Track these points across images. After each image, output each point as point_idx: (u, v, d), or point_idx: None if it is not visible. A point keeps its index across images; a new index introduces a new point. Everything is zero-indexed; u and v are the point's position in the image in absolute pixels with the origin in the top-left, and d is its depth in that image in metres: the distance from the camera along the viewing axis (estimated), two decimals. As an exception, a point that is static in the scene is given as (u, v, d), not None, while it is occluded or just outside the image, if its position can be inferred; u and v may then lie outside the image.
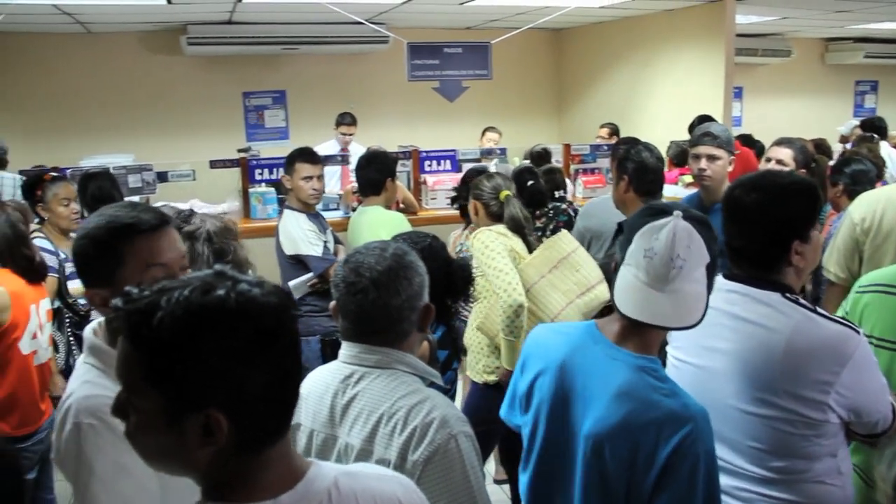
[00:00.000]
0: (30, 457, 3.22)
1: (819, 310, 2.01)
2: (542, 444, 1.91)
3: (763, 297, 1.99)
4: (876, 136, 7.44)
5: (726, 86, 7.53)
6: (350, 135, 7.40)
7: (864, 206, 3.44)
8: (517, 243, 3.46)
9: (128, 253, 1.74)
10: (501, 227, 3.49)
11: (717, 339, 2.02)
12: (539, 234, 4.50)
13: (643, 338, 1.75)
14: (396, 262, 1.81)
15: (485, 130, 8.20)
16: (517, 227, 3.51)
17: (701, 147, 3.68)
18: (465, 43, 6.85)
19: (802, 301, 2.01)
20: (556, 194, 5.08)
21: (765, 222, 2.02)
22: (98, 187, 4.55)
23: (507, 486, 3.84)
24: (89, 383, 1.69)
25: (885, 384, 2.00)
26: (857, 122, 9.35)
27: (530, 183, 4.86)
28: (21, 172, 5.80)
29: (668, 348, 2.19)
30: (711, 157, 3.62)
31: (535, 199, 4.85)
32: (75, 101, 8.42)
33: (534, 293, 3.32)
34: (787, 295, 1.99)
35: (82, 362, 1.78)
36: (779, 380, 1.90)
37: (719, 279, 2.06)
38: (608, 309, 1.95)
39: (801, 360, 1.90)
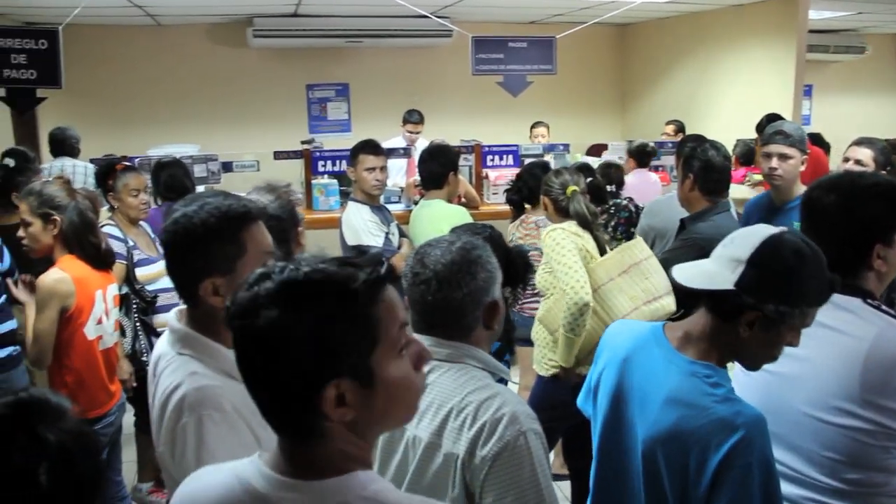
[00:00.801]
0: (100, 439, 3.29)
1: None
2: (602, 437, 1.91)
3: (844, 302, 1.92)
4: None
5: (797, 84, 7.34)
6: (416, 133, 7.42)
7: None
8: (588, 242, 3.44)
9: (248, 241, 1.75)
10: (573, 225, 3.46)
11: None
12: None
13: (704, 345, 1.72)
14: (461, 256, 1.80)
15: (533, 125, 8.14)
16: (584, 223, 3.48)
17: (772, 146, 3.59)
18: (530, 38, 6.80)
19: (885, 307, 1.94)
20: (609, 189, 5.04)
21: (845, 225, 1.96)
22: (170, 175, 4.64)
23: (562, 483, 3.81)
24: (197, 374, 1.69)
25: None
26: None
27: (589, 180, 4.85)
28: (92, 161, 5.96)
29: None
30: (783, 156, 3.54)
31: (595, 196, 4.84)
32: (144, 92, 8.60)
33: (601, 294, 3.30)
34: (869, 301, 1.93)
35: (177, 353, 1.77)
36: (859, 389, 1.83)
37: None
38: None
39: (883, 370, 1.83)
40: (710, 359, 1.72)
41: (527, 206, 4.47)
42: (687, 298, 1.83)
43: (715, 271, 1.68)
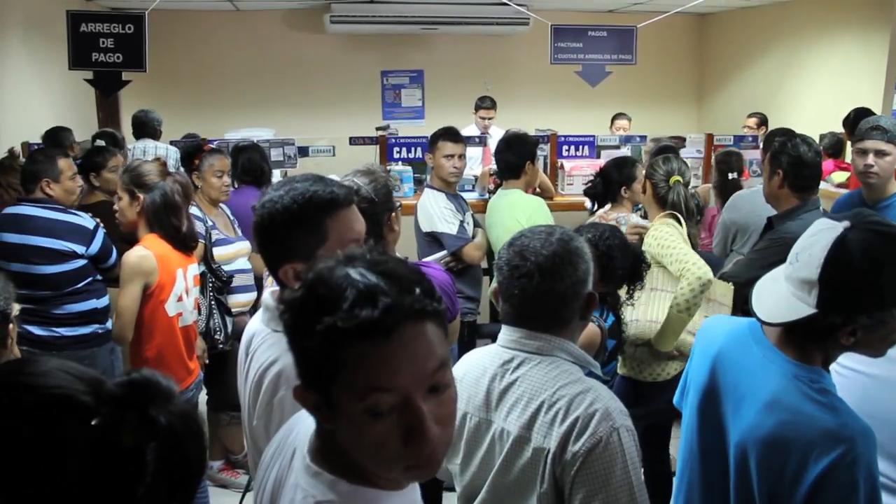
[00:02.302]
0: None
1: None
2: (691, 435, 1.85)
3: None
4: None
5: (888, 77, 7.05)
6: (489, 118, 7.38)
7: None
8: (684, 234, 3.42)
9: (330, 228, 1.74)
10: (671, 220, 3.44)
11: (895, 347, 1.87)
12: None
13: (802, 347, 1.63)
14: (563, 248, 1.76)
15: (615, 117, 8.04)
16: (680, 214, 3.45)
17: (868, 142, 3.46)
18: (609, 27, 6.69)
19: None
20: (731, 177, 4.96)
21: None
22: (248, 159, 4.70)
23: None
24: None
25: None
26: None
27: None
28: (172, 143, 6.08)
29: None
30: (880, 153, 3.41)
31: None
32: (222, 77, 8.75)
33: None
34: None
35: (272, 330, 1.79)
36: None
37: None
38: None
39: None
40: (814, 360, 1.63)
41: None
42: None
43: (792, 298, 1.57)
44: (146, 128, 6.35)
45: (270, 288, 1.91)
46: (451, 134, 4.39)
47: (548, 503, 1.69)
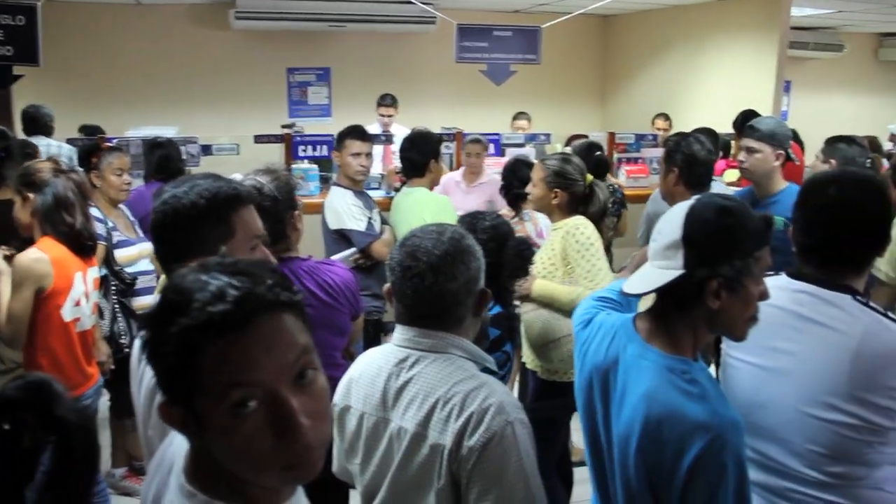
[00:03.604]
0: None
1: (889, 314, 1.95)
2: (585, 429, 1.89)
3: (833, 298, 1.93)
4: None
5: (777, 80, 7.41)
6: (389, 116, 7.38)
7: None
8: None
9: (237, 223, 1.74)
10: (585, 220, 3.32)
11: (782, 340, 1.96)
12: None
13: (671, 335, 1.70)
14: (454, 247, 1.79)
15: (515, 116, 8.11)
16: (602, 215, 3.44)
17: (743, 140, 3.70)
18: (515, 27, 6.79)
19: (872, 304, 1.95)
20: None
21: (871, 220, 1.98)
22: (165, 156, 4.62)
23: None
24: None
25: None
26: (908, 120, 9.16)
27: (598, 154, 4.93)
28: (68, 141, 5.89)
29: (724, 347, 2.13)
30: (751, 150, 3.59)
31: (602, 171, 4.93)
32: (122, 72, 8.49)
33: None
34: (858, 297, 1.94)
35: None
36: (847, 384, 1.84)
37: (784, 279, 2.02)
38: None
39: (872, 366, 1.84)
40: (684, 351, 1.69)
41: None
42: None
43: (658, 270, 1.68)
44: (37, 124, 6.12)
45: None
46: (358, 132, 4.39)
47: (446, 498, 1.71)
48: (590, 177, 3.43)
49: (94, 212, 3.88)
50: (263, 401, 0.98)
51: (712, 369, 3.23)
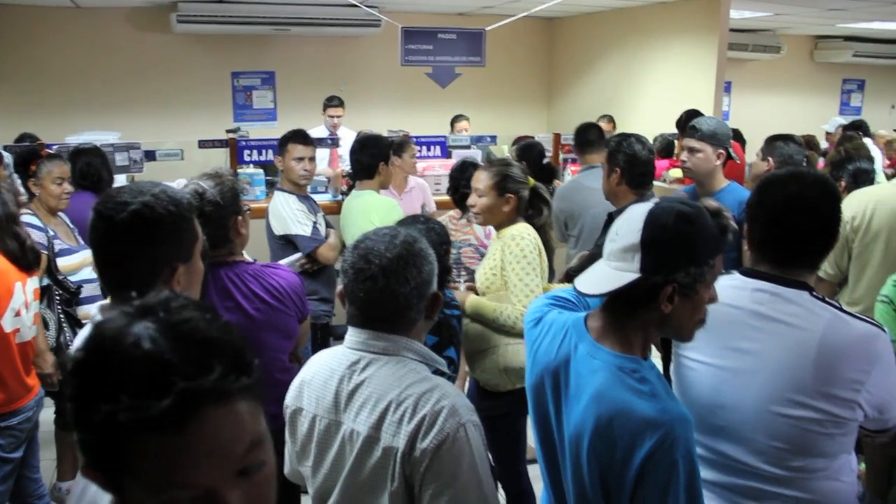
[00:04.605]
0: (17, 435, 3.19)
1: (844, 308, 1.99)
2: (536, 428, 1.90)
3: (792, 295, 1.95)
4: (859, 133, 7.49)
5: (718, 80, 7.54)
6: (338, 117, 7.35)
7: (855, 206, 3.48)
8: None
9: (196, 229, 1.78)
10: (528, 228, 3.25)
11: (742, 340, 1.97)
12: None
13: (621, 335, 1.71)
14: (406, 250, 1.79)
15: (454, 119, 8.09)
16: (545, 219, 3.38)
17: (685, 140, 3.77)
18: (459, 29, 6.81)
19: (828, 300, 1.99)
20: None
21: (828, 217, 2.02)
22: (87, 163, 4.51)
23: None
24: None
25: None
26: (842, 119, 9.42)
27: (546, 161, 4.95)
28: (5, 148, 5.74)
29: (680, 351, 2.12)
30: (693, 150, 3.66)
31: (549, 177, 5.03)
32: (62, 77, 8.31)
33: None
34: (814, 293, 1.97)
35: None
36: (812, 380, 1.87)
37: (739, 278, 2.04)
38: None
39: (834, 360, 1.87)
40: (634, 350, 1.71)
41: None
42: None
43: (615, 272, 1.68)
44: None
45: (99, 303, 1.85)
46: (300, 136, 4.37)
47: (399, 501, 1.71)
48: (531, 180, 3.34)
49: (32, 220, 3.81)
50: (199, 498, 0.87)
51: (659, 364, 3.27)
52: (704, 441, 2.00)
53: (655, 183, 5.47)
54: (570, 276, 3.35)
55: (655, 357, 2.49)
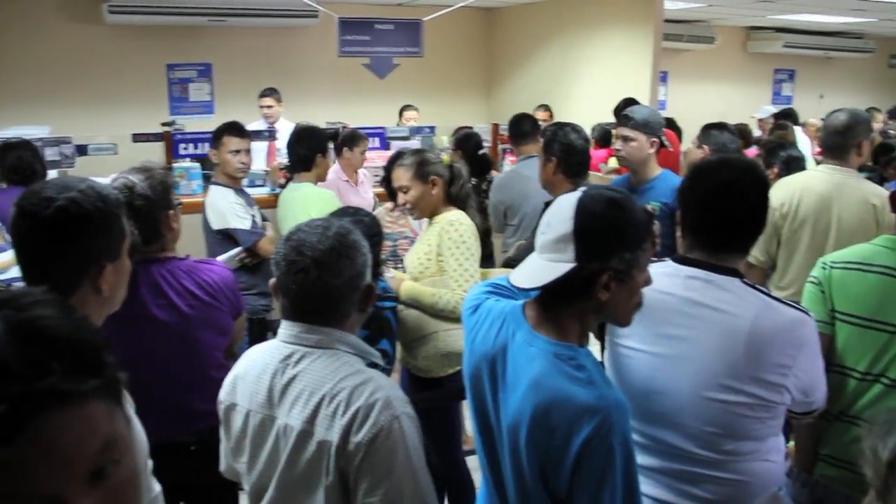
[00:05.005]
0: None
1: (773, 294, 2.04)
2: (477, 426, 1.90)
3: (724, 282, 1.98)
4: (789, 123, 7.68)
5: (653, 70, 7.66)
6: (269, 107, 7.25)
7: (783, 192, 3.56)
8: None
9: (124, 226, 1.73)
10: (462, 215, 3.30)
11: (675, 327, 1.99)
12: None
13: (558, 323, 1.71)
14: (339, 242, 1.77)
15: (403, 108, 8.13)
16: (468, 193, 3.41)
17: (618, 129, 3.81)
18: (396, 20, 6.80)
19: (758, 286, 2.03)
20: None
21: (758, 204, 2.05)
22: (18, 157, 4.39)
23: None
24: None
25: (823, 365, 2.07)
26: (773, 108, 9.65)
27: (482, 153, 4.98)
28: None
29: (615, 339, 2.13)
30: (626, 139, 3.70)
31: (485, 168, 5.06)
32: (-13, 69, 8.07)
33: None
34: (745, 280, 2.01)
35: None
36: (742, 365, 1.90)
37: (672, 265, 2.06)
38: None
39: (763, 345, 1.90)
40: (570, 337, 1.71)
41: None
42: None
43: (549, 264, 1.68)
44: None
45: None
46: (235, 128, 4.30)
47: (334, 495, 1.71)
48: (445, 157, 3.40)
49: (-43, 217, 3.69)
50: None
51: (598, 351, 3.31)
52: (640, 427, 2.03)
53: (592, 173, 5.56)
54: (509, 264, 3.40)
55: (594, 344, 2.53)
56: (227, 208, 4.16)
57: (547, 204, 3.65)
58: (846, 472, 2.28)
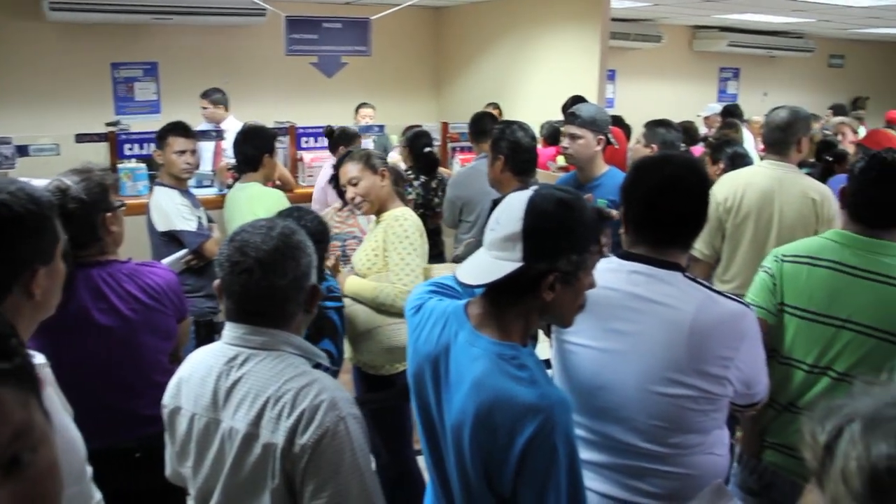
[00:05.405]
0: None
1: (714, 287, 2.07)
2: (422, 426, 1.90)
3: (666, 276, 2.00)
4: (738, 122, 7.82)
5: (601, 68, 7.72)
6: (204, 108, 7.14)
7: (727, 188, 3.62)
8: None
9: (57, 229, 1.68)
10: (409, 211, 3.39)
11: (620, 322, 2.01)
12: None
13: (501, 322, 1.71)
14: (283, 242, 1.76)
15: (359, 106, 8.12)
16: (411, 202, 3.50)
17: (566, 126, 3.85)
18: (344, 18, 6.76)
19: (700, 280, 2.06)
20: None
21: (700, 199, 2.08)
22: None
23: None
24: None
25: (765, 357, 2.11)
26: (718, 106, 9.81)
27: (427, 150, 5.00)
28: None
29: (561, 335, 2.14)
30: (574, 136, 3.74)
31: (432, 166, 5.08)
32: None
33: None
34: (687, 274, 2.03)
35: None
36: (686, 358, 1.92)
37: (616, 260, 2.07)
38: None
39: (705, 338, 1.93)
40: (513, 337, 1.71)
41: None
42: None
43: (496, 261, 1.68)
44: None
45: None
46: (180, 128, 4.25)
47: (280, 498, 1.69)
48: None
49: None
50: None
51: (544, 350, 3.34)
52: (587, 423, 2.05)
53: (540, 171, 5.60)
54: (456, 260, 3.43)
55: (544, 341, 2.54)
56: (172, 210, 4.11)
57: (495, 202, 3.68)
58: (792, 459, 2.33)
